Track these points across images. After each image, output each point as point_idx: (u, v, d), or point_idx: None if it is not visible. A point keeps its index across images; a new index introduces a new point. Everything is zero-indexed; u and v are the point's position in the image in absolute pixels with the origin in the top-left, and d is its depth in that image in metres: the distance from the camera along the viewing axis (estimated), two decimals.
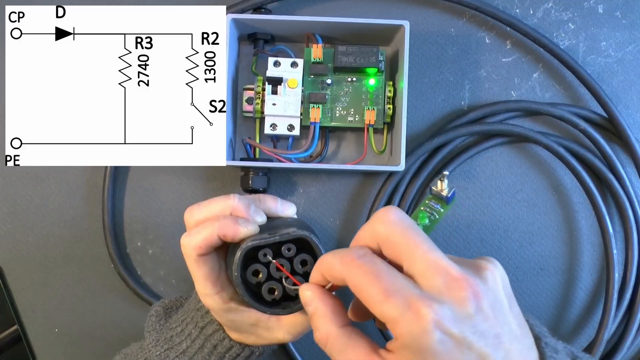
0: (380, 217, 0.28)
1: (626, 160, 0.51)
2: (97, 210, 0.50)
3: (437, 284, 0.25)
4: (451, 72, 0.51)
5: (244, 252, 0.33)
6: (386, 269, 0.26)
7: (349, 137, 0.50)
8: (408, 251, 0.26)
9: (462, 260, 0.28)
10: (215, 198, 0.36)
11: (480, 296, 0.25)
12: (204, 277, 0.36)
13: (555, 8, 0.51)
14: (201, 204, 0.36)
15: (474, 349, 0.25)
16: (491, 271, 0.27)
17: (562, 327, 0.51)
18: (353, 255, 0.27)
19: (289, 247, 0.34)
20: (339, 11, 0.50)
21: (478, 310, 0.25)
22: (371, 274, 0.26)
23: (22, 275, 0.50)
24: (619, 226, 0.50)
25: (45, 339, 0.50)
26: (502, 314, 0.26)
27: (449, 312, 0.25)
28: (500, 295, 0.27)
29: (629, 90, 0.51)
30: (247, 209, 0.36)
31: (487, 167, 0.51)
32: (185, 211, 0.37)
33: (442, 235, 0.51)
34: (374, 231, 0.28)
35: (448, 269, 0.26)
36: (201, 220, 0.36)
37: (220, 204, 0.36)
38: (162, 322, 0.40)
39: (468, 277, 0.26)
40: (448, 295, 0.25)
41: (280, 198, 0.40)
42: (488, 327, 0.25)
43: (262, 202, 0.38)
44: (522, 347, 0.27)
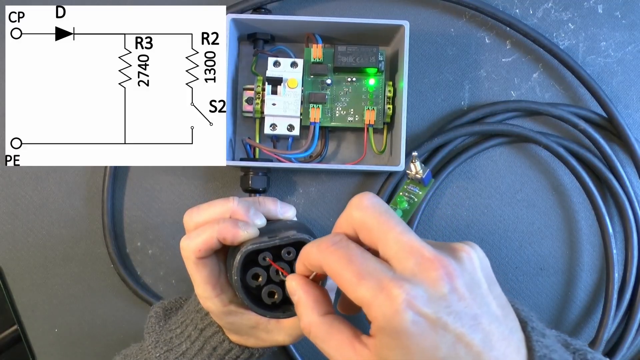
0: (355, 203, 0.28)
1: (626, 160, 0.51)
2: (97, 210, 0.50)
3: (410, 265, 0.25)
4: (451, 72, 0.51)
5: (243, 256, 0.33)
6: (359, 253, 0.27)
7: (349, 137, 0.50)
8: (382, 235, 0.27)
9: (439, 243, 0.28)
10: (215, 201, 0.36)
11: (454, 276, 0.25)
12: (203, 280, 0.36)
13: (555, 8, 0.51)
14: (201, 207, 0.36)
15: (450, 329, 0.25)
16: (467, 252, 0.27)
17: (562, 327, 0.51)
18: (328, 242, 0.28)
19: (289, 251, 0.34)
20: (339, 11, 0.50)
21: (452, 290, 0.25)
22: (344, 258, 0.26)
23: (22, 275, 0.50)
24: (618, 226, 0.50)
25: (45, 339, 0.50)
26: (479, 295, 0.26)
27: (421, 293, 0.25)
28: (478, 276, 0.27)
29: (629, 90, 0.51)
30: (247, 211, 0.35)
31: (487, 167, 0.51)
32: (185, 214, 0.36)
33: (442, 236, 0.51)
34: (350, 217, 0.28)
35: (421, 250, 0.26)
36: (201, 223, 0.36)
37: (219, 207, 0.36)
38: (162, 323, 0.40)
39: (442, 257, 0.26)
40: (421, 276, 0.25)
41: (280, 200, 0.39)
42: (464, 307, 0.25)
43: (262, 205, 0.38)
44: (504, 328, 0.26)
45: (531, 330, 0.28)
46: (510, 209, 0.51)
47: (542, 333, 0.28)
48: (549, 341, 0.28)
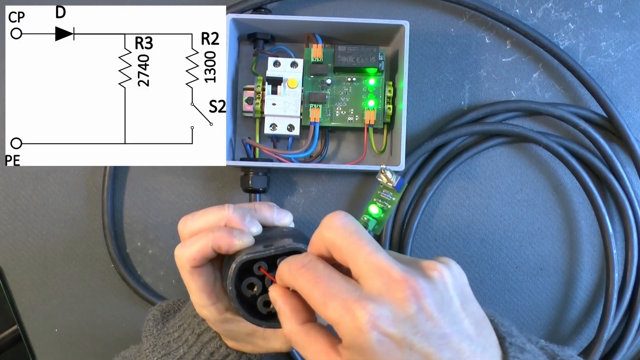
0: (326, 223, 0.28)
1: (626, 160, 0.51)
2: (97, 210, 0.50)
3: (378, 285, 0.26)
4: (451, 72, 0.51)
5: (238, 266, 0.32)
6: (327, 274, 0.27)
7: (349, 137, 0.50)
8: (352, 254, 0.27)
9: (412, 260, 0.28)
10: (209, 208, 0.36)
11: (421, 296, 0.26)
12: (198, 289, 0.35)
13: (555, 8, 0.51)
14: (195, 214, 0.36)
15: (416, 348, 0.25)
16: (439, 271, 0.27)
17: (562, 327, 0.51)
18: (298, 263, 0.28)
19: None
20: (339, 11, 0.50)
21: (420, 310, 0.25)
22: (312, 280, 0.27)
23: (22, 275, 0.50)
24: (618, 226, 0.50)
25: (45, 339, 0.50)
26: (450, 314, 0.26)
27: (386, 313, 0.25)
28: (449, 295, 0.27)
29: (629, 90, 0.51)
30: (242, 219, 0.35)
31: (487, 167, 0.51)
32: (179, 222, 0.36)
33: (442, 236, 0.51)
34: (322, 237, 0.28)
35: (389, 270, 0.26)
36: (195, 231, 0.35)
37: (214, 215, 0.35)
38: (160, 326, 0.40)
39: (409, 277, 0.26)
40: (387, 296, 0.26)
41: (277, 206, 0.39)
42: (432, 327, 0.26)
43: (258, 211, 0.38)
44: (476, 346, 0.26)
45: (509, 346, 0.28)
46: (510, 209, 0.51)
47: (521, 348, 0.28)
48: (528, 356, 0.28)
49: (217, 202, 0.50)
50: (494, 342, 0.28)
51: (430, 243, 0.51)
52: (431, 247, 0.51)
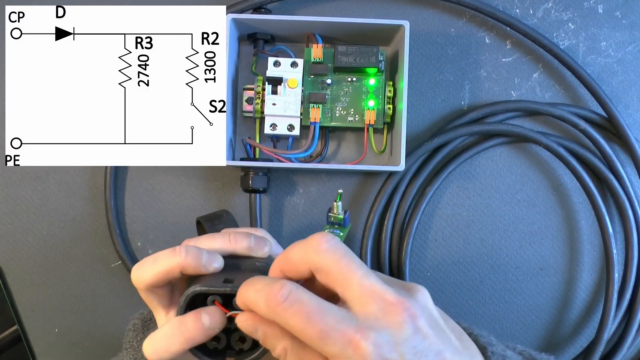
0: (314, 246, 0.27)
1: (626, 160, 0.51)
2: (97, 210, 0.50)
3: (374, 309, 0.26)
4: (451, 72, 0.51)
5: (188, 298, 0.30)
6: (316, 305, 0.26)
7: (349, 137, 0.50)
8: (343, 279, 0.27)
9: (392, 280, 0.28)
10: (160, 254, 0.32)
11: (416, 316, 0.26)
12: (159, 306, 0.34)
13: (555, 8, 0.51)
14: (144, 264, 0.32)
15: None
16: (422, 292, 0.28)
17: (562, 327, 0.51)
18: (278, 298, 0.26)
19: None
20: (339, 11, 0.50)
21: (416, 331, 0.26)
22: (301, 316, 0.26)
23: (22, 275, 0.50)
24: (619, 226, 0.50)
25: (45, 339, 0.50)
26: (440, 331, 0.27)
27: (387, 338, 0.25)
28: (435, 314, 0.28)
29: (629, 90, 0.51)
30: (198, 262, 0.32)
31: (487, 167, 0.51)
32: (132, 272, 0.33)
33: (442, 236, 0.51)
34: (307, 259, 0.27)
35: (383, 294, 0.26)
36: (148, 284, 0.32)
37: (166, 262, 0.32)
38: (140, 336, 0.39)
39: (404, 299, 0.26)
40: (385, 320, 0.26)
41: (255, 236, 0.35)
42: (428, 345, 0.26)
43: (233, 242, 0.35)
44: (465, 358, 0.27)
45: (491, 355, 0.29)
46: (510, 209, 0.51)
47: (502, 355, 0.29)
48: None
49: (217, 202, 0.50)
50: (477, 353, 0.29)
51: (430, 243, 0.51)
52: (431, 247, 0.51)
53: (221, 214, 0.43)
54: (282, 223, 0.50)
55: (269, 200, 0.50)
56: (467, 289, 0.51)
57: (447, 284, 0.51)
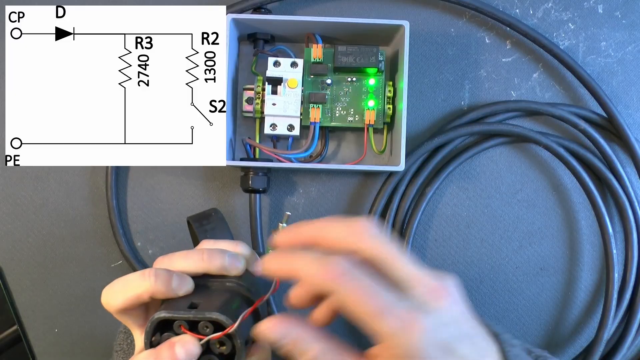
0: (360, 230, 0.28)
1: (626, 160, 0.51)
2: (97, 210, 0.50)
3: (421, 293, 0.27)
4: (451, 72, 0.51)
5: (153, 325, 0.30)
6: (376, 285, 0.27)
7: (349, 137, 0.50)
8: (392, 263, 0.28)
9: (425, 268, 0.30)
10: (130, 278, 0.32)
11: (458, 302, 0.28)
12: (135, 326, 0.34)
13: (555, 8, 0.51)
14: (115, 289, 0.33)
15: (457, 352, 0.27)
16: (455, 280, 0.29)
17: (562, 327, 0.51)
18: (339, 269, 0.27)
19: (206, 325, 0.30)
20: (339, 11, 0.50)
21: (459, 314, 0.28)
22: (362, 291, 0.26)
23: (22, 275, 0.50)
24: (618, 226, 0.50)
25: (45, 339, 0.50)
26: (470, 317, 0.29)
27: (436, 320, 0.27)
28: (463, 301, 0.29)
29: (629, 90, 0.51)
30: (168, 287, 0.32)
31: (487, 167, 0.51)
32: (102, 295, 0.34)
33: (442, 236, 0.51)
34: (351, 241, 0.28)
35: (428, 279, 0.28)
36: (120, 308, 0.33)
37: (136, 287, 0.32)
38: (130, 339, 0.39)
39: (446, 285, 0.28)
40: (432, 304, 0.27)
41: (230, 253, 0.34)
42: (465, 329, 0.28)
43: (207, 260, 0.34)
44: (487, 343, 0.29)
45: (503, 342, 0.30)
46: (510, 209, 0.51)
47: (510, 344, 0.30)
48: (516, 350, 0.30)
49: (217, 202, 0.50)
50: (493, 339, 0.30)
51: (430, 243, 0.51)
52: (431, 247, 0.51)
53: (210, 212, 0.43)
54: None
55: (269, 200, 0.50)
56: (467, 289, 0.51)
57: None
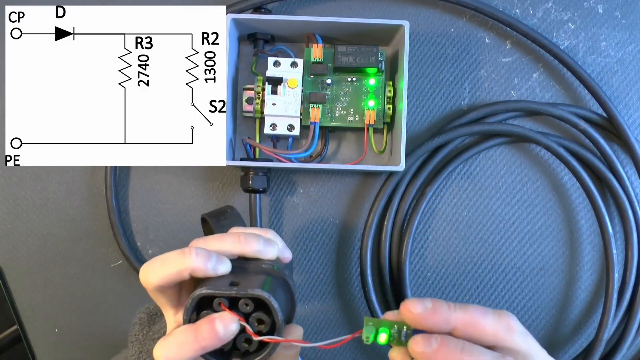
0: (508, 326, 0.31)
1: (626, 160, 0.51)
2: (97, 210, 0.50)
3: None
4: (451, 72, 0.51)
5: (195, 301, 0.31)
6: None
7: (349, 137, 0.50)
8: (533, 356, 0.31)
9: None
10: (169, 256, 0.32)
11: None
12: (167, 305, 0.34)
13: (555, 8, 0.51)
14: (154, 266, 0.32)
15: None
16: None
17: (562, 327, 0.51)
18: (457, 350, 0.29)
19: (247, 303, 0.31)
20: (339, 11, 0.50)
21: None
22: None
23: (22, 275, 0.50)
24: (618, 226, 0.50)
25: (45, 339, 0.50)
26: None
27: None
28: None
29: (629, 90, 0.51)
30: (206, 264, 0.32)
31: (487, 167, 0.51)
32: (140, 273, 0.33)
33: (442, 236, 0.51)
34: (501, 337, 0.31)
35: None
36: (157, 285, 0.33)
37: (175, 264, 0.32)
38: (146, 330, 0.39)
39: None
40: None
41: (265, 239, 0.35)
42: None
43: (242, 244, 0.34)
44: None
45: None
46: (510, 209, 0.51)
47: None
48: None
49: (217, 202, 0.50)
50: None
51: (430, 243, 0.51)
52: (431, 247, 0.51)
53: (226, 209, 0.43)
54: (282, 223, 0.50)
55: (269, 200, 0.50)
56: (467, 289, 0.51)
57: (447, 284, 0.51)
